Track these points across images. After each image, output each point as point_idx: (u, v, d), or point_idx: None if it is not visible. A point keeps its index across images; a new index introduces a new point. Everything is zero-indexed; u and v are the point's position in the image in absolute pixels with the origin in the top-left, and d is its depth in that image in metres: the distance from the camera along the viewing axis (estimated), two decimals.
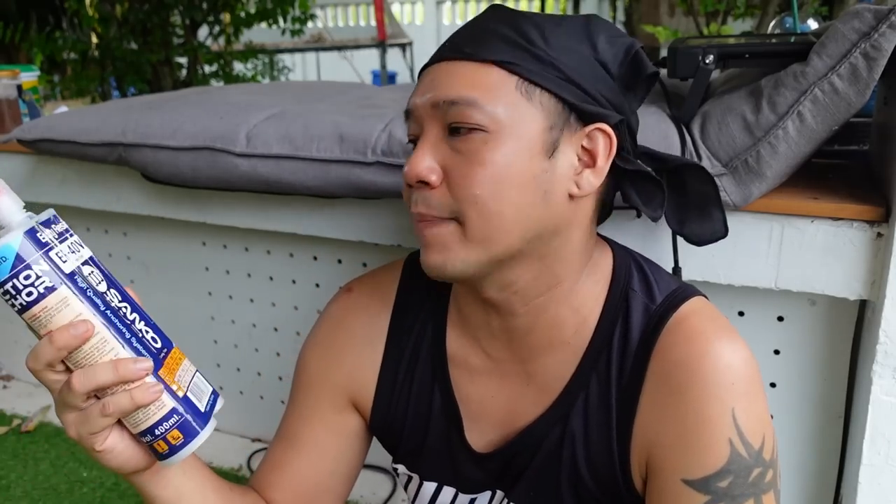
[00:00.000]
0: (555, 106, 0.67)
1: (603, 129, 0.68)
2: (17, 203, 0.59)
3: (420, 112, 0.68)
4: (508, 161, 0.65)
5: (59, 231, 0.60)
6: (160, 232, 1.56)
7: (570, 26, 0.69)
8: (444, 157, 0.67)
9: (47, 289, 0.57)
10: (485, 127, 0.65)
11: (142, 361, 0.59)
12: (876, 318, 0.92)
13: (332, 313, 0.88)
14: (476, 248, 0.66)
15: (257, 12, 4.05)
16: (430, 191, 0.67)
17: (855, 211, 0.93)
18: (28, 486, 1.53)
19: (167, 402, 0.61)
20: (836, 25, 0.88)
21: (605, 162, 0.69)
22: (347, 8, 11.19)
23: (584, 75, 0.67)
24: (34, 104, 1.88)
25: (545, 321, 0.74)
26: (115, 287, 0.62)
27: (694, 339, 0.68)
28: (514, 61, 0.65)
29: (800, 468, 1.12)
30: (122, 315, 0.61)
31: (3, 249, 0.56)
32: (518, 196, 0.65)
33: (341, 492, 0.87)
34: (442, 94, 0.66)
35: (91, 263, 0.61)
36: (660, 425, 0.68)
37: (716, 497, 0.65)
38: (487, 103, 0.65)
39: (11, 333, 1.92)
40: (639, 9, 6.59)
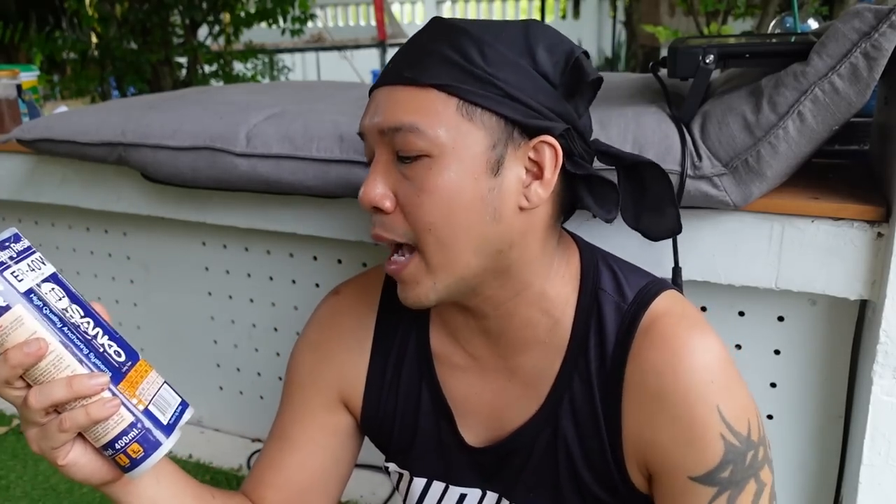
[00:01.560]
0: (496, 124, 0.67)
1: (547, 140, 0.68)
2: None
3: (368, 138, 0.70)
4: (455, 185, 0.66)
5: (18, 250, 0.62)
6: (160, 232, 1.56)
7: (508, 38, 0.68)
8: (395, 182, 0.68)
9: (1, 308, 0.58)
10: (428, 152, 0.65)
11: (97, 377, 0.60)
12: (876, 318, 0.92)
13: (320, 315, 0.90)
14: (440, 275, 0.69)
15: (257, 12, 4.06)
16: (386, 216, 0.69)
17: (855, 211, 0.93)
18: (28, 486, 1.53)
19: (126, 416, 0.62)
20: (837, 25, 0.88)
21: (553, 173, 0.69)
22: (347, 8, 11.19)
23: (525, 89, 0.67)
24: (34, 104, 1.88)
25: (516, 323, 0.75)
26: (78, 303, 0.63)
27: (667, 344, 0.70)
28: (453, 83, 0.65)
29: (800, 468, 1.12)
30: (83, 331, 0.62)
31: None
32: (468, 218, 0.67)
33: (334, 491, 0.88)
34: (386, 120, 0.67)
35: (52, 281, 0.62)
36: (650, 429, 0.71)
37: (722, 487, 0.69)
38: (429, 128, 0.65)
39: None
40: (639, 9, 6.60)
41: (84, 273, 1.73)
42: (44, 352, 0.58)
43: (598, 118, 0.99)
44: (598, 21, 10.67)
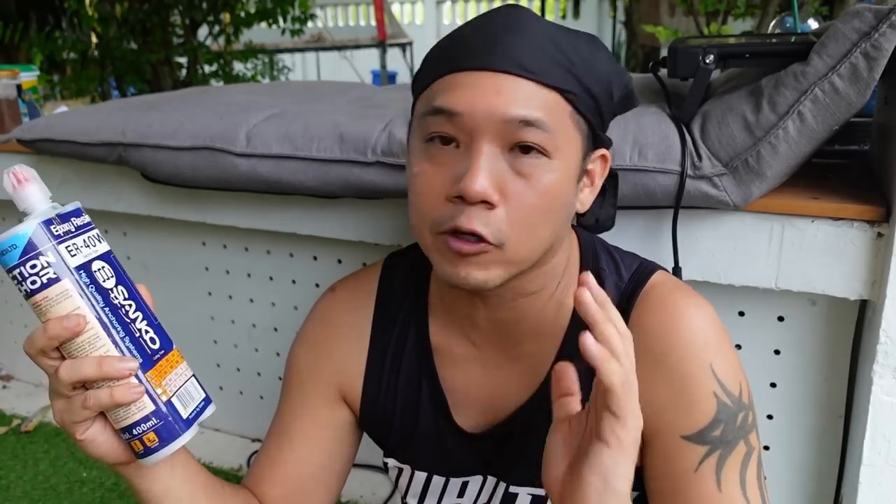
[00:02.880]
0: (587, 134, 0.70)
1: (605, 155, 0.74)
2: (44, 193, 0.61)
3: (479, 122, 0.64)
4: (559, 188, 0.67)
5: (78, 224, 0.62)
6: (160, 232, 1.56)
7: (586, 46, 0.69)
8: (500, 175, 0.65)
9: (50, 280, 0.59)
10: (548, 152, 0.65)
11: (127, 361, 0.61)
12: (876, 319, 0.92)
13: (317, 312, 0.91)
14: (513, 266, 0.68)
15: (257, 12, 4.06)
16: (489, 210, 0.65)
17: (855, 211, 0.93)
18: (28, 486, 1.53)
19: (147, 405, 0.62)
20: (837, 25, 0.88)
21: (600, 182, 0.75)
22: (347, 8, 11.19)
23: (604, 102, 0.70)
24: (34, 104, 1.88)
25: (533, 315, 0.77)
26: (125, 285, 0.64)
27: (665, 309, 0.74)
28: (572, 90, 0.66)
29: (800, 468, 1.12)
30: (124, 313, 0.63)
31: (16, 237, 0.58)
32: (556, 220, 0.69)
33: (333, 486, 0.89)
34: (515, 111, 0.64)
35: (103, 259, 0.63)
36: (647, 392, 0.71)
37: (713, 445, 0.70)
38: (554, 129, 0.65)
39: (11, 334, 1.92)
40: (639, 9, 6.59)
41: None
42: (82, 328, 0.59)
43: None
44: (598, 21, 10.67)
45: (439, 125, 0.66)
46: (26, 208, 0.61)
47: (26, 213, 0.61)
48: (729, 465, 0.70)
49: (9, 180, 0.61)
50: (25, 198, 0.61)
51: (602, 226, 0.85)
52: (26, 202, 0.61)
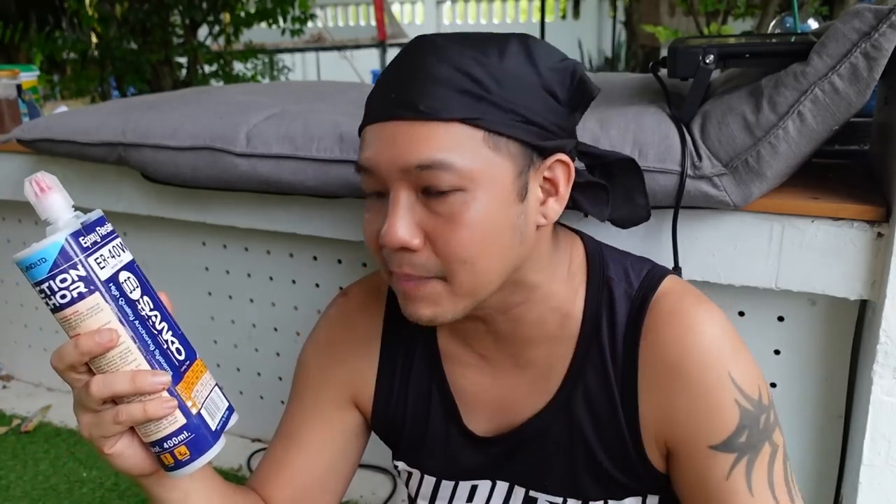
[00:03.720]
0: (520, 150, 0.66)
1: (561, 159, 0.69)
2: (67, 202, 0.60)
3: (383, 174, 0.65)
4: (489, 216, 0.65)
5: (102, 234, 0.61)
6: (160, 232, 1.56)
7: (512, 58, 0.66)
8: (420, 218, 0.65)
9: (80, 294, 0.57)
10: (462, 186, 0.63)
11: (160, 375, 0.60)
12: (876, 319, 0.92)
13: (329, 316, 0.90)
14: (464, 300, 0.68)
15: (257, 12, 4.06)
16: (414, 254, 0.66)
17: (855, 211, 0.93)
18: (28, 486, 1.53)
19: (179, 418, 0.61)
20: (837, 25, 0.88)
21: (567, 188, 0.71)
22: (347, 8, 11.19)
23: (539, 111, 0.66)
24: (34, 104, 1.88)
25: (526, 324, 0.76)
26: (149, 294, 0.63)
27: (676, 318, 0.73)
28: (478, 116, 0.63)
29: (800, 468, 1.12)
30: (151, 325, 0.62)
31: (45, 251, 0.56)
32: (501, 246, 0.67)
33: (339, 489, 0.89)
34: (410, 158, 0.63)
35: (128, 269, 0.62)
36: (667, 404, 0.73)
37: (741, 452, 0.71)
38: (460, 163, 0.63)
39: (11, 333, 1.92)
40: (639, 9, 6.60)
41: None
42: (114, 343, 0.58)
43: (598, 118, 0.99)
44: (598, 21, 10.66)
45: (364, 182, 0.69)
46: (49, 218, 0.59)
47: (49, 223, 0.59)
48: (757, 468, 0.71)
49: (31, 189, 0.60)
50: (48, 207, 0.59)
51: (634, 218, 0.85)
52: (49, 212, 0.59)
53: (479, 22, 11.42)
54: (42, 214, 0.60)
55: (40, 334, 1.87)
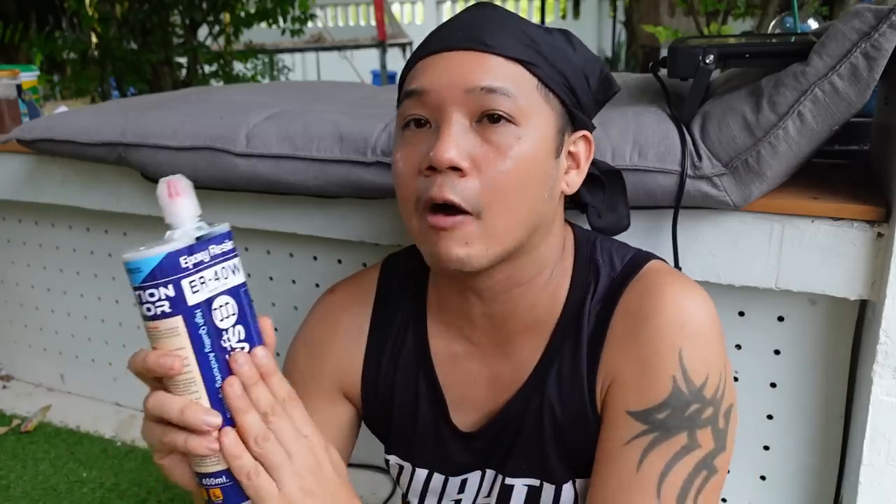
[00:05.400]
0: (561, 110, 0.71)
1: (587, 136, 0.76)
2: (193, 210, 0.59)
3: (443, 95, 0.67)
4: (531, 157, 0.68)
5: (215, 253, 0.59)
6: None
7: (558, 38, 0.73)
8: (471, 145, 0.67)
9: (164, 312, 0.56)
10: (517, 120, 0.67)
11: (211, 416, 0.57)
12: (876, 318, 0.92)
13: (316, 313, 0.91)
14: (494, 242, 0.68)
15: (257, 12, 4.06)
16: (461, 178, 0.66)
17: (855, 211, 0.93)
18: (28, 486, 1.53)
19: (221, 462, 0.59)
20: (837, 25, 0.88)
21: (587, 164, 0.76)
22: (347, 8, 11.19)
23: (577, 84, 0.73)
24: (34, 104, 1.88)
25: (524, 306, 0.77)
26: (245, 324, 0.61)
27: (651, 288, 0.74)
28: (536, 63, 0.69)
29: (800, 468, 1.12)
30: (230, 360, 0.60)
31: (143, 261, 0.56)
32: (535, 191, 0.69)
33: None
34: (476, 80, 0.66)
35: (231, 295, 0.60)
36: (617, 364, 0.74)
37: (651, 427, 0.70)
38: (519, 97, 0.67)
39: (11, 333, 1.92)
40: (639, 9, 6.60)
41: (84, 273, 1.73)
42: (177, 371, 0.57)
43: (598, 118, 0.99)
44: (598, 21, 10.67)
45: (411, 107, 0.70)
46: (171, 223, 0.58)
47: (170, 228, 0.59)
48: (658, 451, 0.69)
49: (164, 189, 0.59)
50: (174, 213, 0.59)
51: (615, 226, 0.89)
52: (173, 217, 0.58)
53: None
54: (166, 218, 0.59)
55: (40, 334, 1.87)
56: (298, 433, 0.60)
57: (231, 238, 0.61)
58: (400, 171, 0.71)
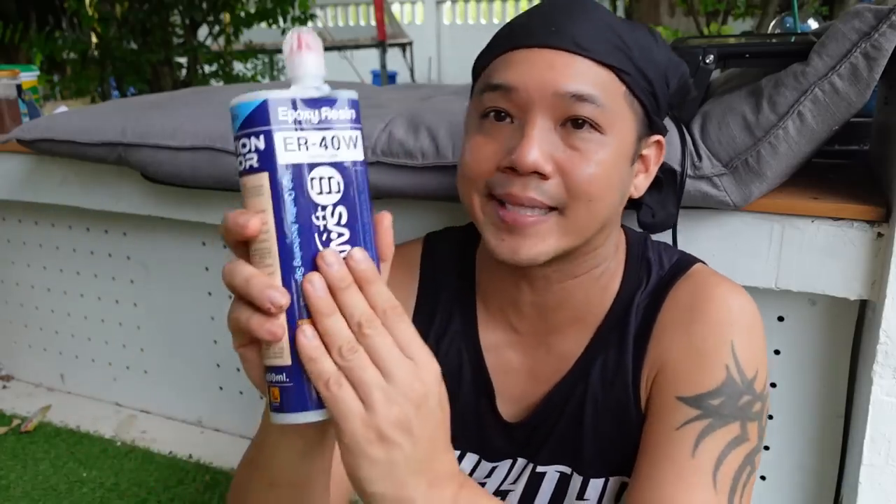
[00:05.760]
0: (642, 116, 0.71)
1: (660, 140, 0.75)
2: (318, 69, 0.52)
3: (532, 95, 0.66)
4: (612, 163, 0.68)
5: (328, 117, 0.51)
6: (160, 232, 1.56)
7: (645, 37, 0.71)
8: (553, 149, 0.67)
9: (252, 167, 0.50)
10: (601, 128, 0.67)
11: (277, 292, 0.48)
12: (876, 318, 0.92)
13: None
14: (570, 238, 0.69)
15: (257, 12, 4.05)
16: (543, 180, 0.67)
17: (855, 211, 0.93)
18: (28, 486, 1.53)
19: (284, 356, 0.50)
20: (837, 25, 0.88)
21: (655, 168, 0.76)
22: (347, 8, 11.19)
23: (659, 88, 0.71)
24: (34, 104, 1.88)
25: (575, 298, 0.77)
26: (350, 207, 0.51)
27: (701, 286, 0.75)
28: (626, 69, 0.68)
29: (800, 468, 1.12)
30: (320, 239, 0.50)
31: (244, 105, 0.50)
32: (613, 195, 0.70)
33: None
34: (568, 85, 0.66)
35: (339, 170, 0.51)
36: (666, 354, 0.74)
37: (706, 413, 0.70)
38: (608, 105, 0.66)
39: (11, 333, 1.92)
40: (639, 9, 6.59)
41: (84, 273, 1.73)
42: (251, 233, 0.49)
43: None
44: None
45: (494, 100, 0.68)
46: (292, 77, 0.52)
47: (292, 83, 0.52)
48: (714, 438, 0.68)
49: (292, 41, 0.52)
50: (297, 65, 0.51)
51: (663, 224, 0.88)
52: (296, 70, 0.51)
53: (479, 22, 11.42)
54: (290, 71, 0.52)
55: (40, 334, 1.87)
56: (401, 353, 0.50)
57: (356, 107, 0.53)
58: (472, 157, 0.70)
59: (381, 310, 0.50)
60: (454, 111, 1.12)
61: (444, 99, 1.30)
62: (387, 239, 0.53)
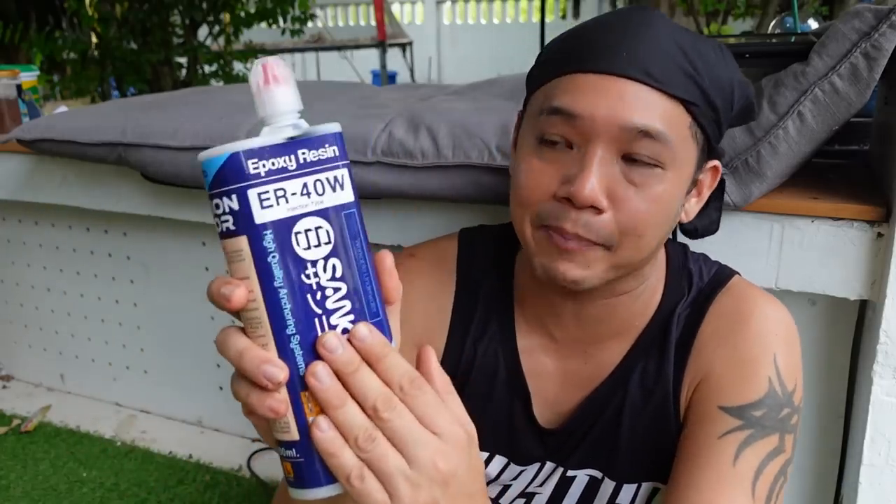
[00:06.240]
0: (704, 145, 0.69)
1: (717, 166, 0.73)
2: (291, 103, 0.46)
3: (596, 126, 0.64)
4: (670, 198, 0.67)
5: (306, 160, 0.45)
6: (160, 232, 1.56)
7: (715, 55, 0.67)
8: (611, 181, 0.65)
9: (228, 230, 0.45)
10: (664, 164, 0.65)
11: (273, 367, 0.45)
12: (876, 319, 0.92)
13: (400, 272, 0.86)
14: (615, 271, 0.69)
15: (257, 12, 4.05)
16: (595, 215, 0.65)
17: (855, 211, 0.93)
18: (28, 486, 1.53)
19: (292, 431, 0.47)
20: (837, 25, 0.88)
21: (707, 192, 0.75)
22: (347, 8, 11.19)
23: (723, 112, 0.68)
24: (34, 104, 1.88)
25: (620, 313, 0.77)
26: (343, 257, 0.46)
27: (743, 298, 0.76)
28: (695, 101, 0.65)
29: (800, 468, 1.12)
30: (314, 300, 0.45)
31: (209, 162, 0.44)
32: (665, 227, 0.69)
33: None
34: (636, 119, 0.63)
35: (324, 217, 0.45)
36: (708, 365, 0.75)
37: (748, 423, 0.70)
38: (673, 141, 0.64)
39: (11, 333, 1.92)
40: None
41: (84, 273, 1.73)
42: (234, 306, 0.45)
43: None
44: None
45: (555, 126, 0.66)
46: (264, 118, 0.46)
47: (263, 124, 0.46)
48: (754, 448, 0.69)
49: (258, 75, 0.46)
50: (266, 102, 0.45)
51: (706, 230, 0.86)
52: (265, 108, 0.46)
53: (479, 22, 11.42)
54: (259, 110, 0.46)
55: (40, 334, 1.87)
56: (423, 430, 0.46)
57: (338, 142, 0.46)
58: (527, 183, 0.68)
59: (396, 385, 0.46)
60: (454, 111, 1.12)
61: (444, 99, 1.30)
62: (391, 282, 0.50)
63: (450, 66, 10.94)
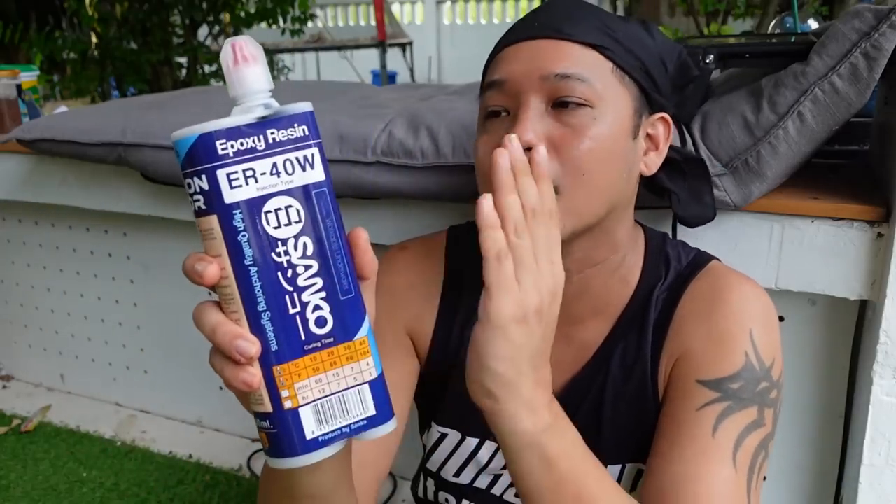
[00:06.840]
0: (637, 93, 0.73)
1: (665, 117, 0.77)
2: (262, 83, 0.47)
3: (520, 83, 0.70)
4: (609, 137, 0.70)
5: (275, 140, 0.46)
6: (160, 232, 1.56)
7: (634, 25, 0.75)
8: (547, 129, 0.69)
9: (200, 209, 0.47)
10: (592, 103, 0.69)
11: (244, 342, 0.47)
12: (876, 318, 0.92)
13: (390, 264, 0.89)
14: (570, 218, 0.70)
15: (257, 12, 4.05)
16: None
17: (855, 211, 0.93)
18: (28, 486, 1.53)
19: (265, 403, 0.48)
20: (837, 25, 0.88)
21: (666, 145, 0.78)
22: (347, 8, 11.18)
23: (654, 68, 0.74)
24: (34, 104, 1.88)
25: (594, 289, 0.79)
26: (314, 236, 0.47)
27: (720, 279, 0.78)
28: (610, 47, 0.71)
29: (800, 468, 1.12)
30: (285, 277, 0.47)
31: (179, 142, 0.45)
32: (612, 171, 0.71)
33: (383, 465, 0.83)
34: (552, 67, 0.69)
35: (294, 196, 0.46)
36: (685, 342, 0.76)
37: (725, 395, 0.71)
38: (594, 81, 0.69)
39: (11, 333, 1.92)
40: (639, 9, 6.58)
41: (84, 273, 1.73)
42: (207, 283, 0.47)
43: None
44: None
45: (492, 98, 0.73)
46: (236, 97, 0.47)
47: (234, 104, 0.47)
48: (732, 420, 0.70)
49: (229, 54, 0.46)
50: (237, 82, 0.46)
51: (702, 216, 0.88)
52: (236, 88, 0.46)
53: (479, 22, 11.42)
54: (230, 89, 0.47)
55: (40, 334, 1.87)
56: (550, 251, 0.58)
57: (308, 122, 0.47)
58: (480, 157, 0.74)
59: (547, 208, 0.57)
60: (454, 111, 1.12)
61: (444, 99, 1.30)
62: (366, 258, 0.51)
63: (450, 66, 10.94)
